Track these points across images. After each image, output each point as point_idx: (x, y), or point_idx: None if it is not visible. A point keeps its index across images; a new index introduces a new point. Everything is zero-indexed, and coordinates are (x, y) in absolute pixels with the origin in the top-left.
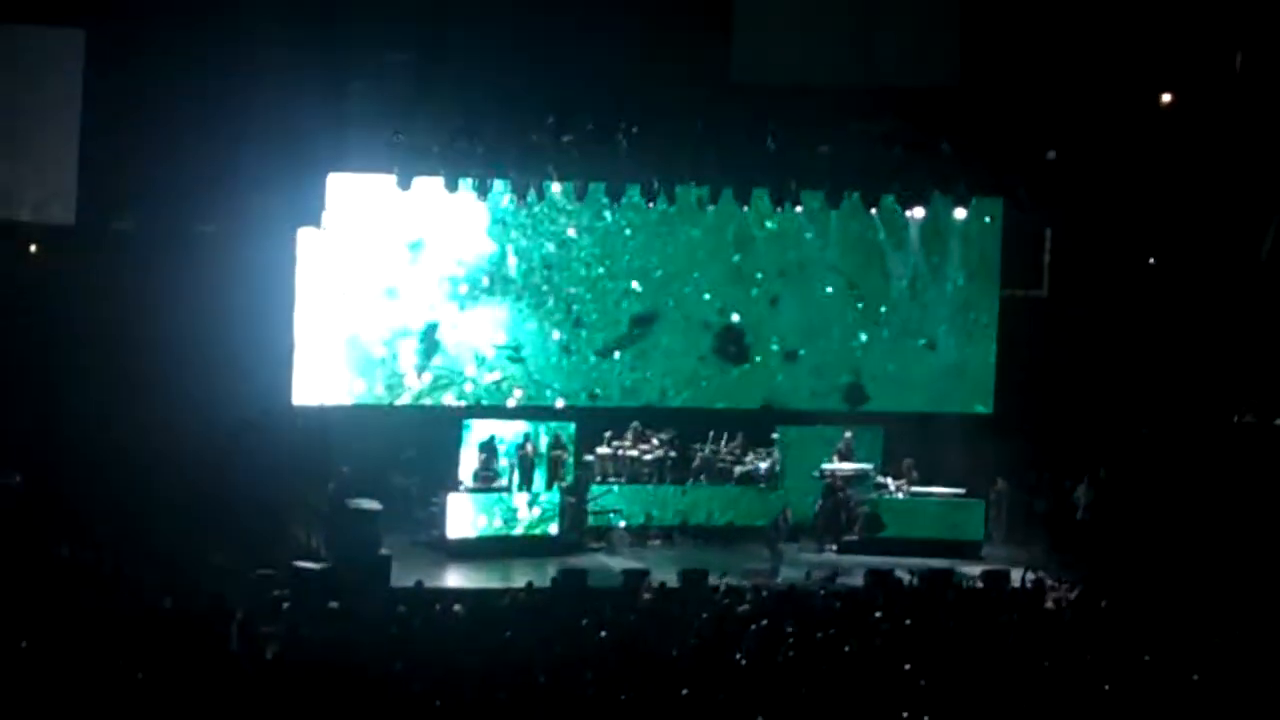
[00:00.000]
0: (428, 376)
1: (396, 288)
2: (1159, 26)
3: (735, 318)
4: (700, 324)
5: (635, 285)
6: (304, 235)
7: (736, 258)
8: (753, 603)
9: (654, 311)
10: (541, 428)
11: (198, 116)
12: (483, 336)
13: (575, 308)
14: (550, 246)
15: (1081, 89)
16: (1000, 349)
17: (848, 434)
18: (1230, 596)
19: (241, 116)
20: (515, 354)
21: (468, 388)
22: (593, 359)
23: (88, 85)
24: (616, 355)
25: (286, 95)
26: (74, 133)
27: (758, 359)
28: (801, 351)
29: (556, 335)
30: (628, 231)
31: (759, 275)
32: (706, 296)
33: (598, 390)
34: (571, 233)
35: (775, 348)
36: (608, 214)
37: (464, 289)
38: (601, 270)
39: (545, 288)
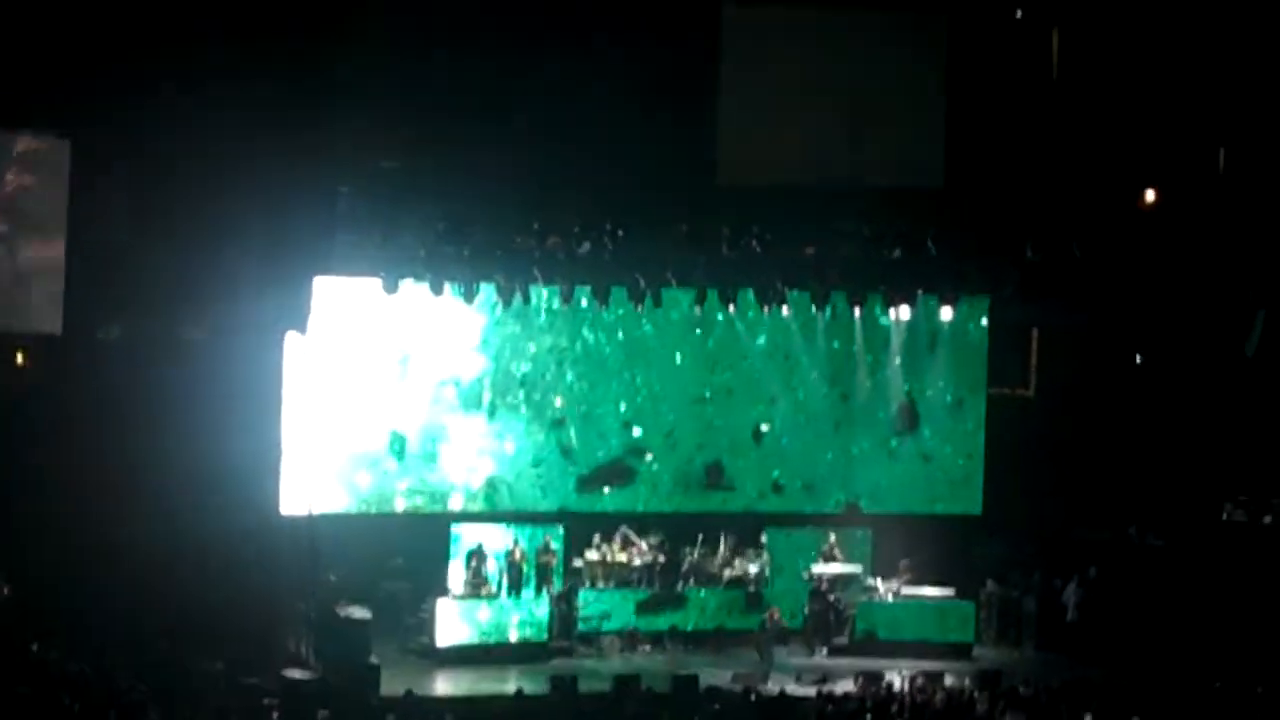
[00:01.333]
0: (415, 484)
1: (383, 395)
2: (1142, 125)
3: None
4: (685, 460)
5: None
6: (291, 340)
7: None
8: (743, 708)
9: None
10: (530, 533)
11: (184, 223)
12: (470, 445)
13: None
14: (531, 361)
15: (1066, 188)
16: (988, 448)
17: (832, 537)
18: (1222, 692)
19: (227, 222)
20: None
21: (455, 496)
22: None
23: (73, 193)
24: (606, 490)
25: (272, 201)
26: (61, 241)
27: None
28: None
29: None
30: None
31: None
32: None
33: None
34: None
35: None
36: (587, 331)
37: (451, 397)
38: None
39: (529, 403)
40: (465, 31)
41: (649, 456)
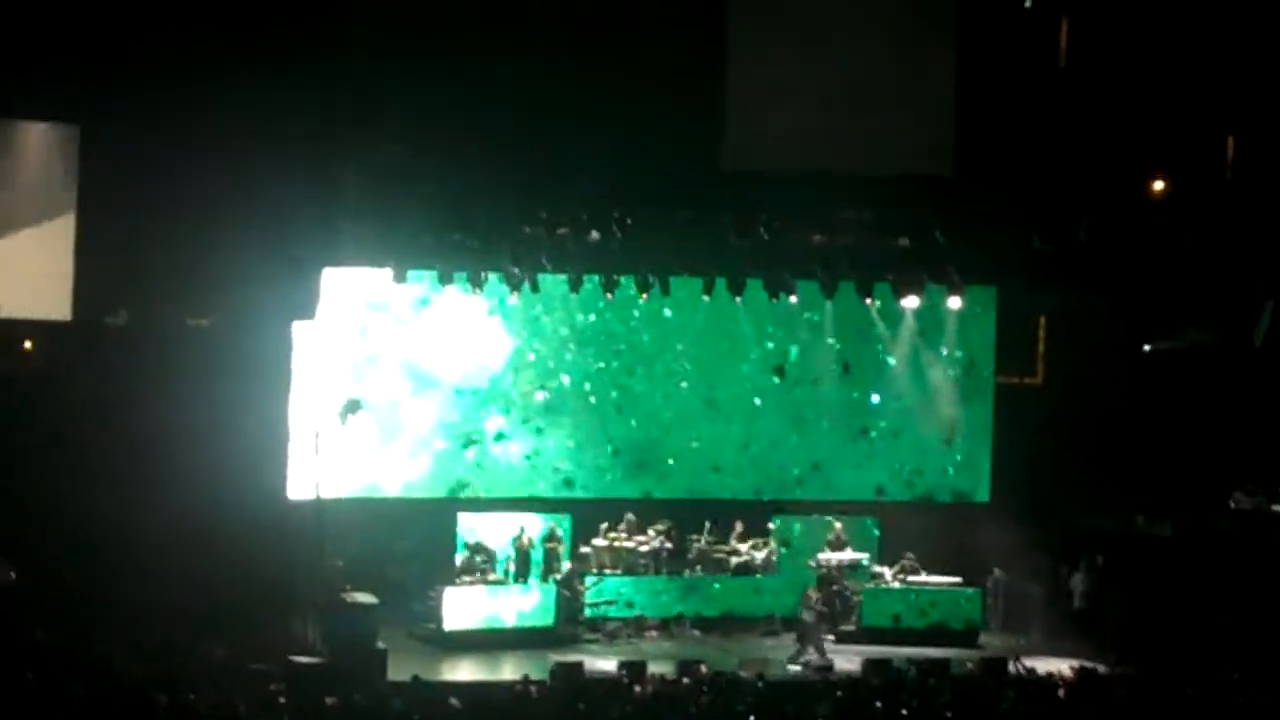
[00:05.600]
0: (424, 469)
1: (391, 381)
2: (1151, 114)
3: None
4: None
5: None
6: (298, 329)
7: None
8: (750, 693)
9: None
10: (538, 520)
11: (192, 211)
12: (477, 429)
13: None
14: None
15: (1074, 176)
16: (996, 436)
17: (837, 524)
18: (1229, 681)
19: (235, 211)
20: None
21: (464, 479)
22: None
23: (83, 181)
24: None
25: (280, 189)
26: (70, 228)
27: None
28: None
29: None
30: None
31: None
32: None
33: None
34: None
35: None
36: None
37: (458, 382)
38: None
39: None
40: (470, 19)
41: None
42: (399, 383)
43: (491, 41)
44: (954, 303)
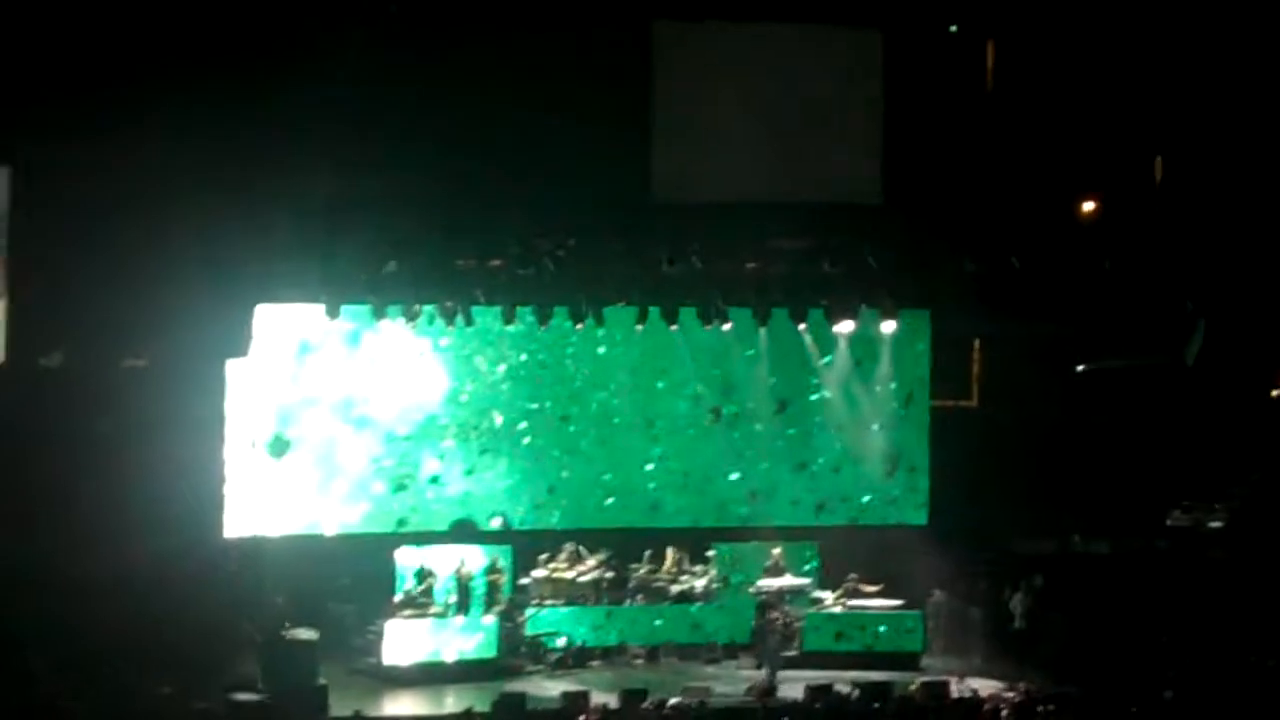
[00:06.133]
0: (362, 511)
1: (325, 415)
2: (1079, 135)
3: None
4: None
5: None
6: (232, 367)
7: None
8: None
9: None
10: (477, 552)
11: (125, 250)
12: (412, 466)
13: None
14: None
15: (1004, 200)
16: (932, 459)
17: (775, 550)
18: (1167, 699)
19: (168, 249)
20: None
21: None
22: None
23: (13, 222)
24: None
25: (214, 228)
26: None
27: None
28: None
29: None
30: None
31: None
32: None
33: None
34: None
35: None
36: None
37: (392, 419)
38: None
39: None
40: (399, 56)
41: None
42: (331, 421)
43: (423, 75)
44: (888, 327)
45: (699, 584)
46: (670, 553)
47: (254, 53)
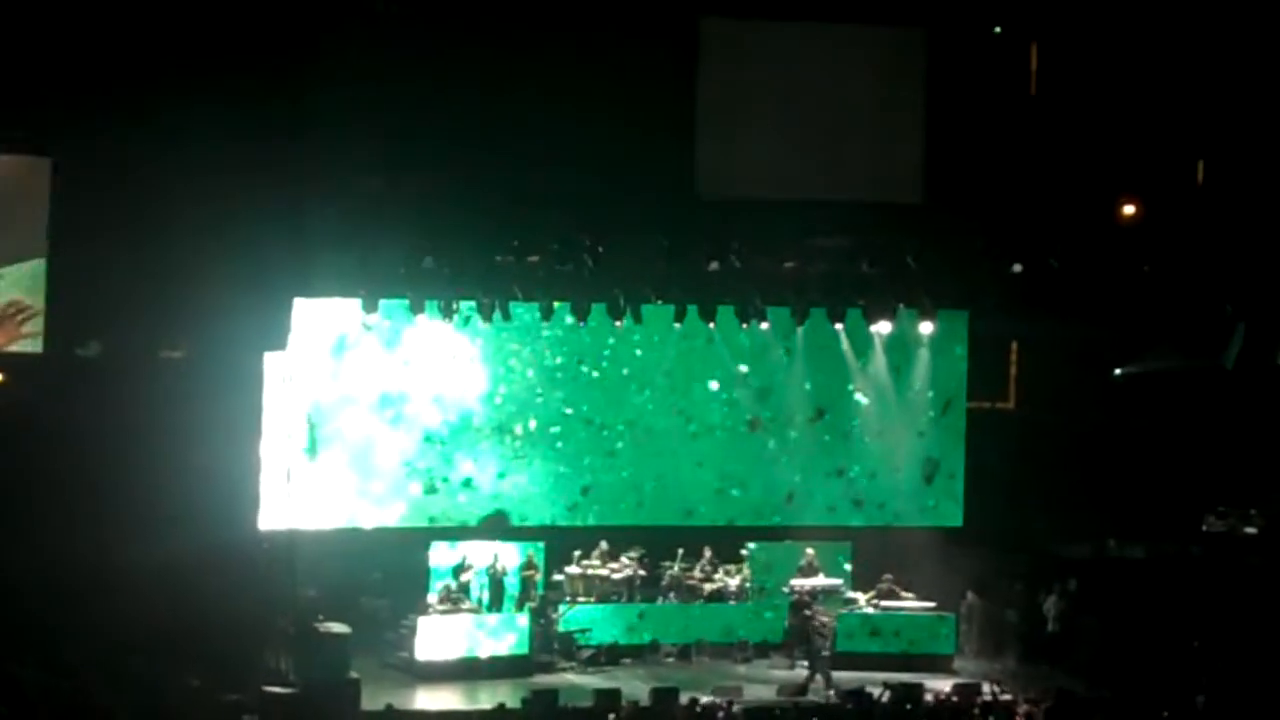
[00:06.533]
0: (400, 503)
1: (361, 412)
2: (1121, 138)
3: None
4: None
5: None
6: (270, 359)
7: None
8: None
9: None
10: (512, 548)
11: (164, 242)
12: (449, 460)
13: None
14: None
15: (1045, 201)
16: (968, 461)
17: (809, 550)
18: (1199, 704)
19: (207, 241)
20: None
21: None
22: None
23: (54, 213)
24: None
25: (252, 221)
26: (41, 260)
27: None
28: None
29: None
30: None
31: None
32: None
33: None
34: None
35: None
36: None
37: (434, 416)
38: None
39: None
40: (443, 53)
41: None
42: (368, 417)
43: (465, 72)
44: (926, 328)
45: (732, 583)
46: (705, 552)
47: (299, 47)
